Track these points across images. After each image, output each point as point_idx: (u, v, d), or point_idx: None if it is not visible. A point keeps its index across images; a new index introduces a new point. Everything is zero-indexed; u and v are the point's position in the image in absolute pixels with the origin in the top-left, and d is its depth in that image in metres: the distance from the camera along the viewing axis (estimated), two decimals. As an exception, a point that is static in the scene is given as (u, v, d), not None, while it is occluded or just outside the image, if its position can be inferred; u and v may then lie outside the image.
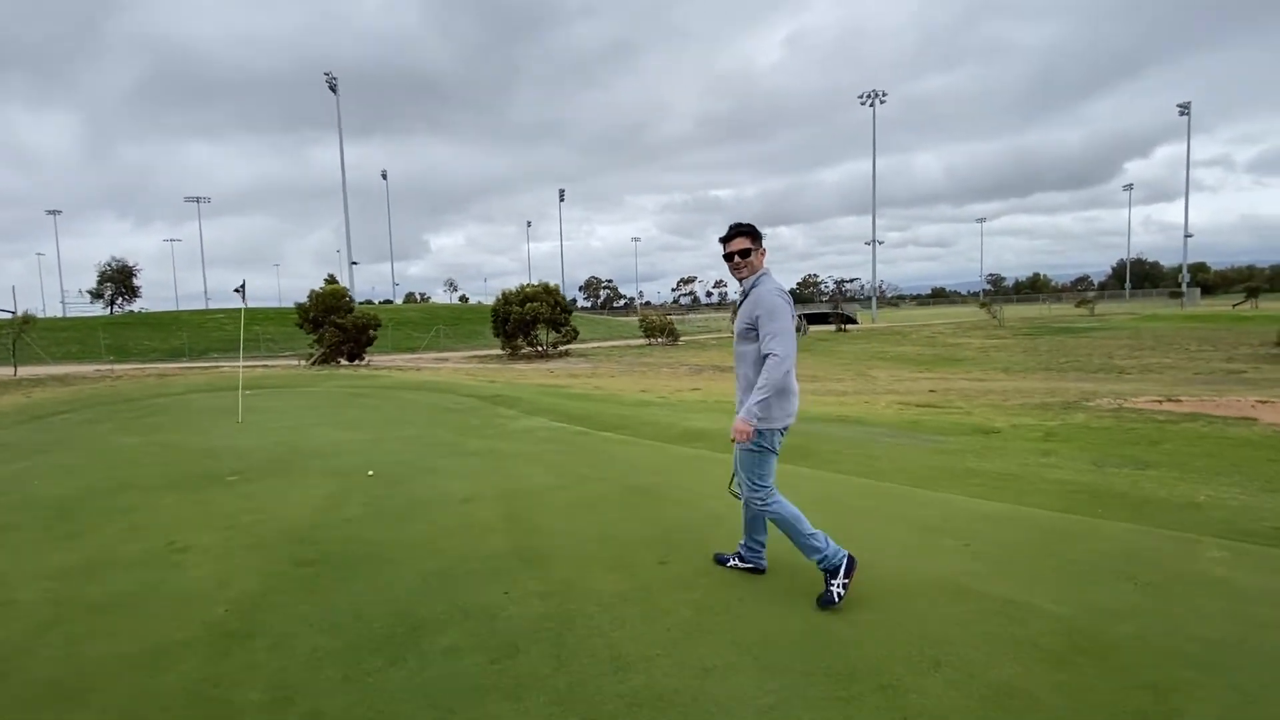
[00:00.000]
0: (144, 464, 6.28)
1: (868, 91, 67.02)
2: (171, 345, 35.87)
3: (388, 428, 8.35)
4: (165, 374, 21.01)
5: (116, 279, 60.24)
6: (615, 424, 8.53)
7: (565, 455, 6.32)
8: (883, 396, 13.90)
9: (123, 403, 12.20)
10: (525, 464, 5.91)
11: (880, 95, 66.73)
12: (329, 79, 55.35)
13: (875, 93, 66.82)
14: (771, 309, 2.84)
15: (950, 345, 34.77)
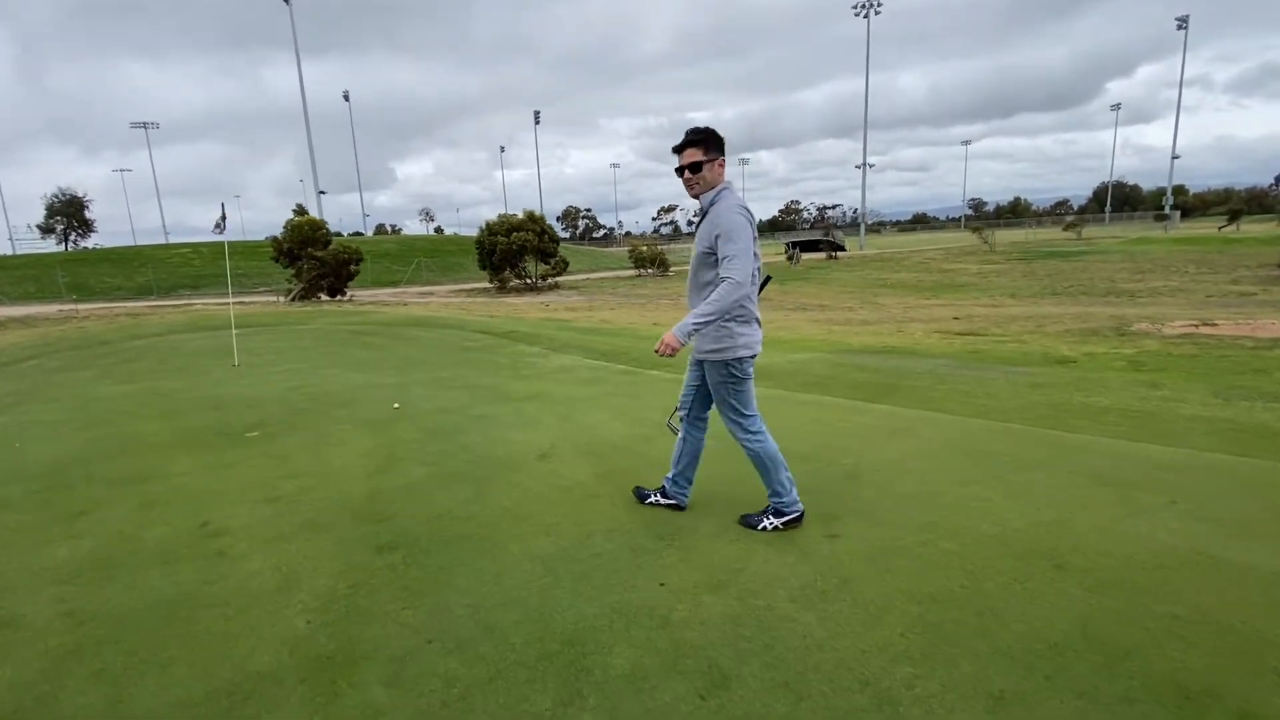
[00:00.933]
0: (142, 417, 5.44)
1: (861, 1, 63.34)
2: (137, 283, 33.87)
3: (409, 369, 7.54)
4: (137, 313, 19.64)
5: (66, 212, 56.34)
6: (655, 361, 7.81)
7: (625, 398, 5.62)
8: (910, 325, 13.35)
9: (98, 345, 11.13)
10: (588, 409, 5.20)
11: (875, 5, 63.16)
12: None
13: (870, 2, 63.18)
14: (731, 229, 2.53)
15: (946, 271, 34.31)
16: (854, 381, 6.25)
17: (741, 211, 2.58)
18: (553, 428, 4.65)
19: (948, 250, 50.91)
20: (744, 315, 2.66)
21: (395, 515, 3.19)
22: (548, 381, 6.50)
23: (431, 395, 5.98)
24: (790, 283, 31.15)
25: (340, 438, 4.61)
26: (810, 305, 20.90)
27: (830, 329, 12.88)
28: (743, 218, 2.56)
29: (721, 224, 2.55)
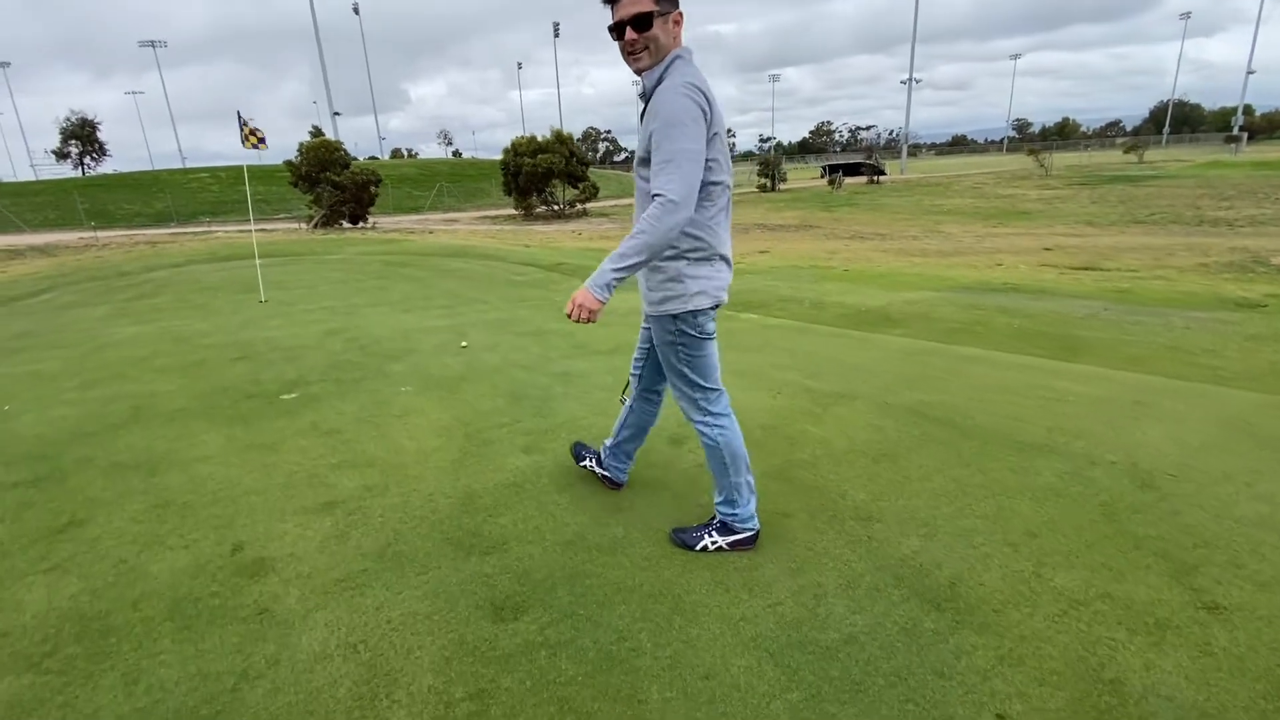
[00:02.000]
0: (158, 370, 4.53)
1: (917, -110, 56.84)
2: (156, 209, 32.94)
3: (459, 308, 6.52)
4: (157, 241, 18.76)
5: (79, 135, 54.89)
6: (747, 301, 6.68)
7: (740, 352, 4.54)
8: (1000, 256, 11.89)
9: (116, 277, 10.26)
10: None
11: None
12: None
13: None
14: (670, 118, 1.66)
15: (1005, 197, 31.91)
16: (1010, 329, 5.08)
17: (689, 91, 1.68)
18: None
19: (997, 174, 47.73)
20: (700, 249, 1.83)
21: (508, 540, 2.22)
22: (624, 328, 5.43)
23: (495, 343, 4.96)
24: (838, 209, 29.22)
25: (403, 404, 3.63)
26: (867, 234, 19.25)
27: (913, 261, 11.52)
28: (691, 100, 1.67)
29: (661, 111, 1.68)
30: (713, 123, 1.71)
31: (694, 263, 1.83)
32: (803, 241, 17.38)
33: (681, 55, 1.76)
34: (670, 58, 1.75)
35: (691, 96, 1.66)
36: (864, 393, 3.56)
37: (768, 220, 25.79)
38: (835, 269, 10.21)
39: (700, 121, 1.67)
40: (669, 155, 1.65)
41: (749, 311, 6.04)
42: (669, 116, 1.66)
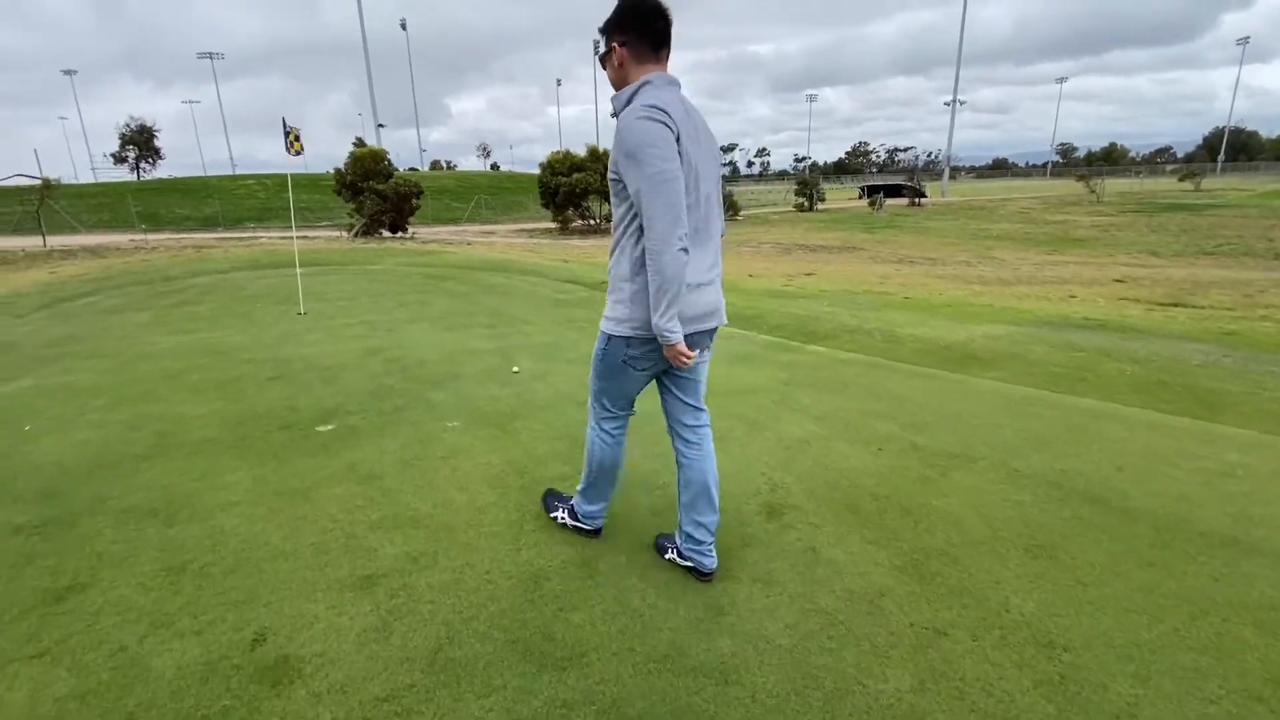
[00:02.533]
0: (189, 389, 4.23)
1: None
2: (204, 214, 33.80)
3: (503, 328, 6.16)
4: (202, 246, 19.03)
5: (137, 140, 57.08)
6: (811, 330, 6.19)
7: (821, 392, 4.06)
8: (1069, 287, 11.16)
9: (159, 281, 10.22)
10: (780, 413, 3.67)
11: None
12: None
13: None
14: (633, 147, 1.62)
15: (1055, 223, 30.79)
16: (1123, 377, 4.50)
17: (649, 111, 1.65)
18: (751, 447, 3.15)
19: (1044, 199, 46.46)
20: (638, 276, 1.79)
21: (587, 650, 1.77)
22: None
23: (545, 371, 4.56)
24: (881, 231, 28.49)
25: (450, 443, 3.24)
26: (916, 258, 18.54)
27: (974, 290, 10.87)
28: (651, 120, 1.64)
29: (622, 140, 1.68)
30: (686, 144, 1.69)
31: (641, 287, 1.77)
32: (849, 264, 16.78)
33: (651, 81, 1.75)
34: (638, 83, 1.75)
35: (651, 116, 1.64)
36: (982, 453, 3.05)
37: (809, 240, 25.19)
38: (894, 295, 9.65)
39: (667, 142, 1.63)
40: (641, 183, 1.63)
41: (816, 343, 5.55)
42: (633, 147, 1.64)
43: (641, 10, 1.75)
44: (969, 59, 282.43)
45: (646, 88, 1.74)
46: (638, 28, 1.75)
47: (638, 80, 1.76)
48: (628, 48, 1.77)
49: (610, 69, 1.82)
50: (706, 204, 1.80)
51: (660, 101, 1.68)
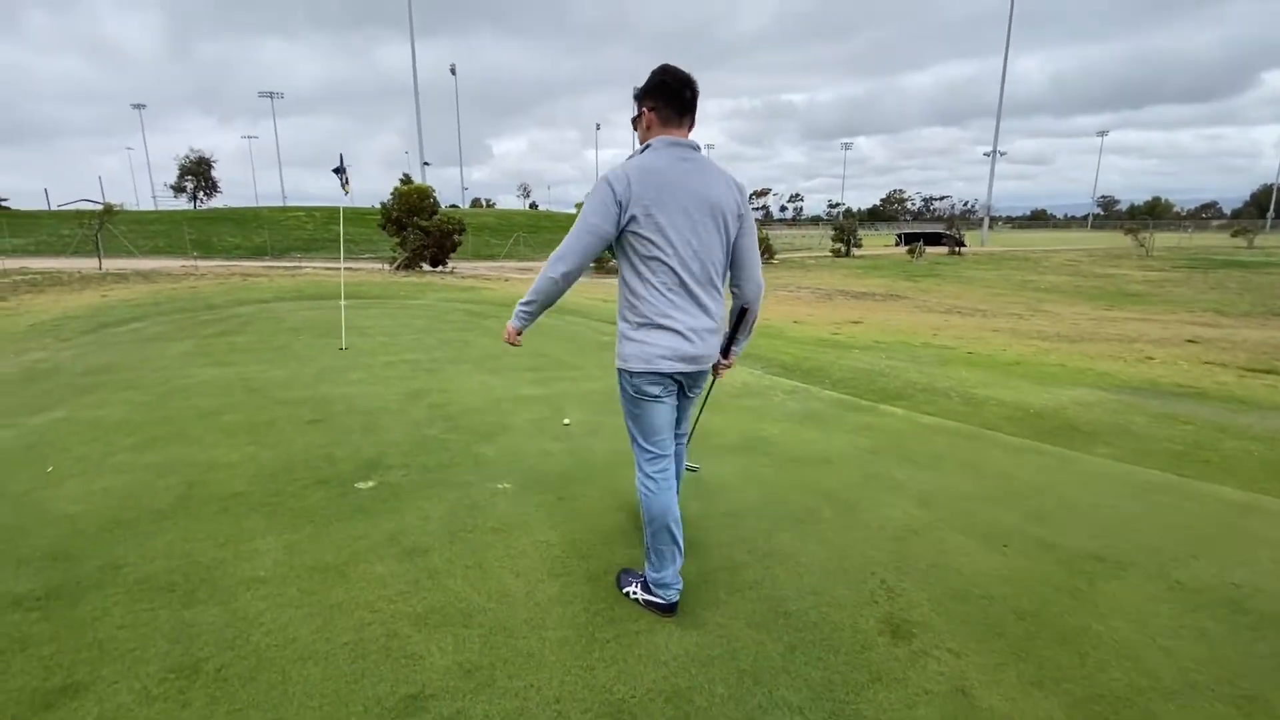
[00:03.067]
0: (222, 430, 3.97)
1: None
2: (254, 243, 34.90)
3: (549, 373, 5.85)
4: (250, 274, 19.42)
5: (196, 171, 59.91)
6: (881, 388, 5.74)
7: (916, 469, 3.60)
8: (1141, 346, 10.47)
9: (203, 309, 10.25)
10: (876, 490, 3.22)
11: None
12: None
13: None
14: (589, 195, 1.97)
15: (1105, 276, 29.86)
16: (1251, 458, 3.95)
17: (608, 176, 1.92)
18: (849, 536, 2.70)
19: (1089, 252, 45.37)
20: (638, 317, 2.00)
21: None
22: (749, 416, 4.57)
23: (598, 424, 4.20)
24: (923, 279, 27.91)
25: (501, 513, 2.87)
26: (965, 308, 17.93)
27: (1037, 346, 10.26)
28: (605, 184, 1.91)
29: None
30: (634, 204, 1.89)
31: (634, 327, 2.03)
32: (896, 312, 16.25)
33: (653, 145, 1.99)
34: (645, 145, 2.02)
35: (607, 181, 1.92)
36: (1130, 556, 2.56)
37: (849, 286, 24.72)
38: (954, 350, 9.12)
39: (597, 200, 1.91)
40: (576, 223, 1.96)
41: (889, 403, 5.09)
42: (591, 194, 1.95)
43: (671, 81, 1.98)
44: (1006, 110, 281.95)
45: (646, 150, 1.99)
46: (666, 96, 1.99)
47: (647, 142, 2.02)
48: (656, 112, 2.01)
49: (640, 130, 2.07)
50: (694, 256, 1.97)
51: (635, 167, 1.93)
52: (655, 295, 1.97)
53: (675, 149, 1.97)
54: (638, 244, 1.94)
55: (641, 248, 1.94)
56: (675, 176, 1.93)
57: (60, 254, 28.53)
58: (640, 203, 1.89)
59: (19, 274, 18.76)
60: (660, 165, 1.93)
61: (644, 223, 1.91)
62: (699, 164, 1.99)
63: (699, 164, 1.99)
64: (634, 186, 1.89)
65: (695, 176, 1.96)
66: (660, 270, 1.96)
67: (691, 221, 1.94)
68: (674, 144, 1.97)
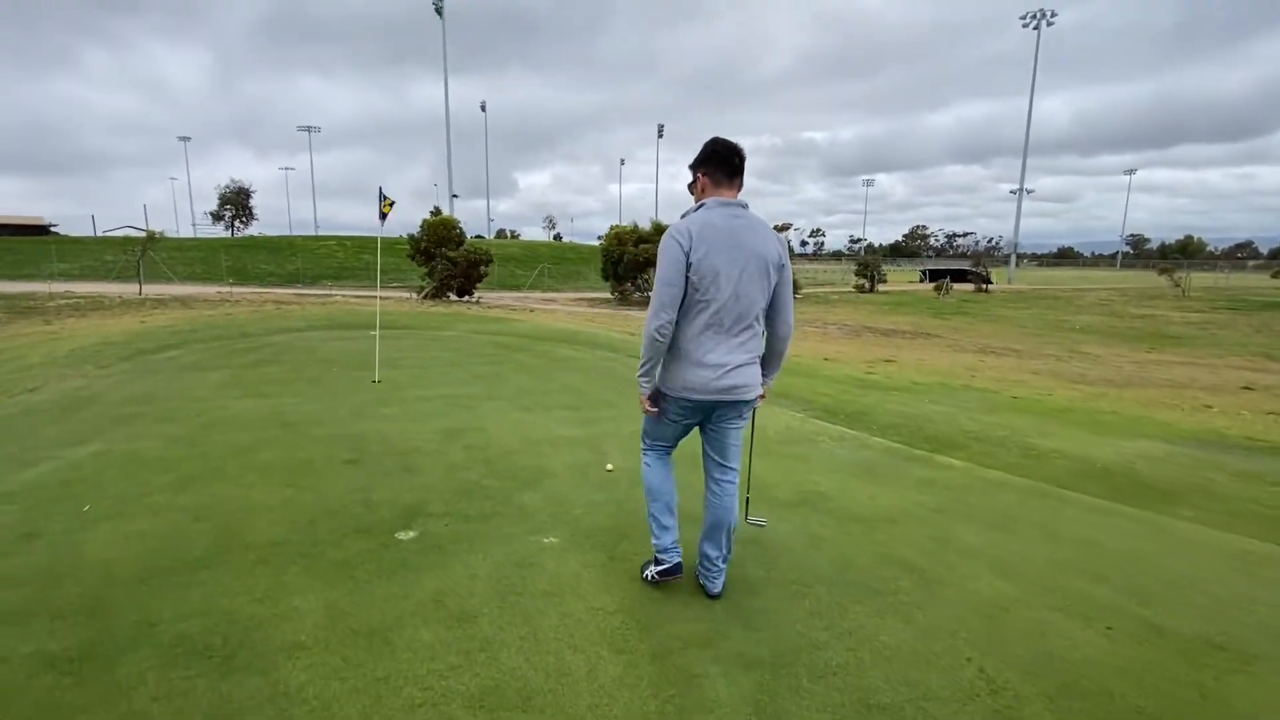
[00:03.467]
0: (258, 470, 3.86)
1: (1031, 12, 57.58)
2: (287, 270, 35.72)
3: (585, 410, 5.70)
4: (282, 302, 19.76)
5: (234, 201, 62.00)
6: (931, 435, 5.49)
7: (990, 531, 3.35)
8: (1194, 394, 10.02)
9: (238, 337, 10.35)
10: (962, 560, 2.99)
11: (1049, 16, 57.13)
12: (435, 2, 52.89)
13: (1042, 13, 57.27)
14: (657, 254, 2.27)
15: (1142, 317, 29.12)
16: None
17: (673, 232, 2.22)
18: (934, 613, 2.47)
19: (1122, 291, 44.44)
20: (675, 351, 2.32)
21: None
22: (798, 465, 4.35)
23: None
24: (951, 316, 27.48)
25: (551, 572, 2.69)
26: (998, 348, 17.51)
27: (1082, 390, 9.89)
28: (671, 239, 2.21)
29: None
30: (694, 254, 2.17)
31: (672, 358, 2.32)
32: (927, 351, 15.91)
33: (706, 204, 2.27)
34: (699, 205, 2.29)
35: (673, 236, 2.20)
36: (1256, 647, 2.28)
37: (876, 323, 24.41)
38: (997, 394, 8.80)
39: (670, 257, 2.20)
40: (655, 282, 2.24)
41: (944, 453, 4.83)
42: (659, 250, 2.24)
43: (722, 150, 2.29)
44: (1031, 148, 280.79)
45: (700, 209, 2.27)
46: (718, 162, 2.28)
47: (700, 202, 2.30)
48: (709, 177, 2.30)
49: (695, 192, 2.36)
50: (735, 301, 2.22)
51: (694, 222, 2.21)
52: (695, 333, 2.25)
53: (727, 208, 2.25)
54: (691, 290, 2.22)
55: (694, 293, 2.21)
56: (729, 231, 2.21)
57: (104, 279, 29.44)
58: (699, 253, 2.18)
59: (64, 298, 19.32)
60: (716, 221, 2.21)
61: (701, 270, 2.18)
62: (749, 221, 2.26)
63: (749, 221, 2.26)
64: (694, 239, 2.18)
65: (746, 232, 2.23)
66: (704, 312, 2.23)
67: (741, 270, 2.21)
68: (726, 203, 2.26)
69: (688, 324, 2.24)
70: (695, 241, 2.17)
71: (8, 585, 2.47)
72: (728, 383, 2.27)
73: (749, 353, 2.30)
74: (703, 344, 2.24)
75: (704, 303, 2.21)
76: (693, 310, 2.22)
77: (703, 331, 2.23)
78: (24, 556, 2.72)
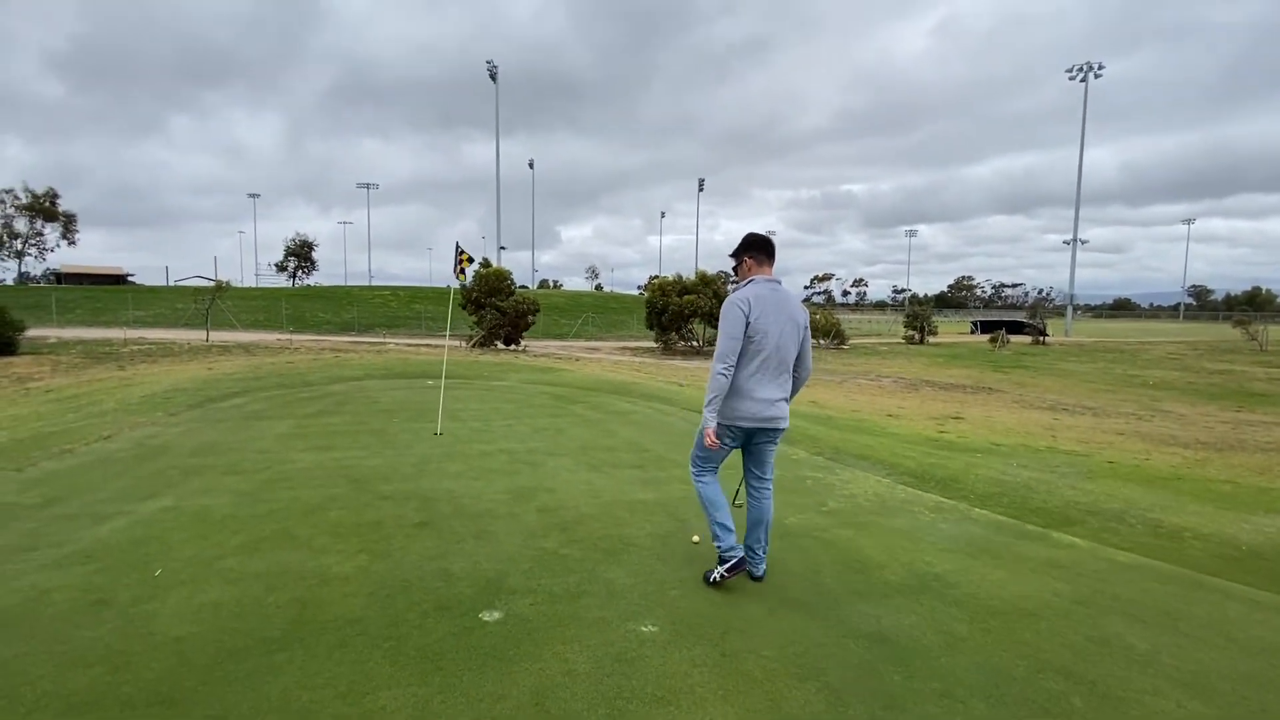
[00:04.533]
0: (328, 533, 3.68)
1: (1078, 65, 57.38)
2: (343, 319, 36.97)
3: (654, 469, 5.41)
4: (339, 349, 20.28)
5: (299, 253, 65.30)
6: (1037, 507, 4.99)
7: (1161, 632, 2.88)
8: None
9: (300, 385, 10.50)
10: (1156, 686, 2.55)
11: (1096, 68, 56.81)
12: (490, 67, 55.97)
13: (1089, 65, 57.02)
14: (722, 313, 2.98)
15: (1220, 373, 27.35)
16: None
17: (736, 300, 2.96)
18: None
19: (1192, 344, 42.12)
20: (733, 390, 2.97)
21: None
22: (902, 540, 3.94)
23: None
24: (1011, 370, 26.34)
25: (659, 670, 2.37)
26: (1071, 405, 16.52)
27: (1184, 456, 9.07)
28: (734, 305, 2.95)
29: (724, 305, 2.98)
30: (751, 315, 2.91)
31: (729, 395, 2.97)
32: (995, 408, 15.10)
33: (754, 280, 3.03)
34: (748, 280, 3.06)
35: (735, 304, 2.95)
36: None
37: (933, 376, 23.52)
38: (1089, 457, 8.13)
39: (733, 318, 2.93)
40: (719, 337, 2.97)
41: (1059, 529, 4.34)
42: (722, 310, 2.97)
43: (761, 241, 3.09)
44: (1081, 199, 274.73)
45: (750, 284, 3.00)
46: (760, 249, 3.08)
47: (749, 278, 3.04)
48: (754, 260, 3.07)
49: (741, 272, 3.11)
50: (776, 351, 2.95)
51: (750, 294, 2.95)
52: (744, 377, 2.94)
53: (770, 284, 3.00)
54: (747, 343, 2.91)
55: (749, 345, 2.91)
56: (775, 301, 2.96)
57: (175, 325, 30.99)
58: (755, 315, 2.90)
59: (137, 344, 20.27)
60: (764, 294, 2.95)
61: (755, 328, 2.90)
62: (785, 294, 3.02)
63: (785, 294, 3.02)
64: (752, 306, 2.91)
65: (786, 302, 3.01)
66: (756, 358, 2.93)
67: (782, 329, 2.95)
68: (768, 281, 3.01)
69: (743, 367, 2.92)
70: (753, 308, 2.89)
71: (77, 665, 2.29)
72: (771, 413, 2.99)
73: (784, 391, 3.03)
74: (755, 383, 2.93)
75: (758, 352, 2.91)
76: (747, 357, 2.92)
77: (755, 373, 2.93)
78: (94, 630, 2.55)
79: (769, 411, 2.96)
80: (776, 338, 2.92)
